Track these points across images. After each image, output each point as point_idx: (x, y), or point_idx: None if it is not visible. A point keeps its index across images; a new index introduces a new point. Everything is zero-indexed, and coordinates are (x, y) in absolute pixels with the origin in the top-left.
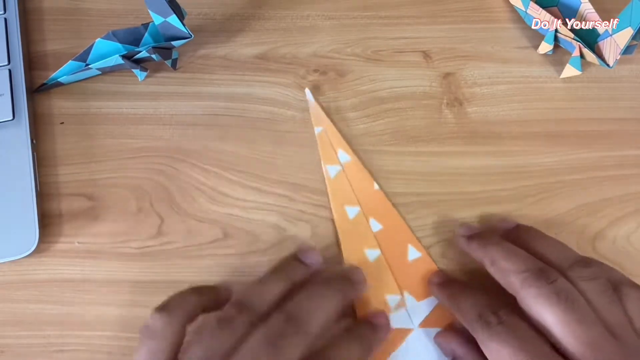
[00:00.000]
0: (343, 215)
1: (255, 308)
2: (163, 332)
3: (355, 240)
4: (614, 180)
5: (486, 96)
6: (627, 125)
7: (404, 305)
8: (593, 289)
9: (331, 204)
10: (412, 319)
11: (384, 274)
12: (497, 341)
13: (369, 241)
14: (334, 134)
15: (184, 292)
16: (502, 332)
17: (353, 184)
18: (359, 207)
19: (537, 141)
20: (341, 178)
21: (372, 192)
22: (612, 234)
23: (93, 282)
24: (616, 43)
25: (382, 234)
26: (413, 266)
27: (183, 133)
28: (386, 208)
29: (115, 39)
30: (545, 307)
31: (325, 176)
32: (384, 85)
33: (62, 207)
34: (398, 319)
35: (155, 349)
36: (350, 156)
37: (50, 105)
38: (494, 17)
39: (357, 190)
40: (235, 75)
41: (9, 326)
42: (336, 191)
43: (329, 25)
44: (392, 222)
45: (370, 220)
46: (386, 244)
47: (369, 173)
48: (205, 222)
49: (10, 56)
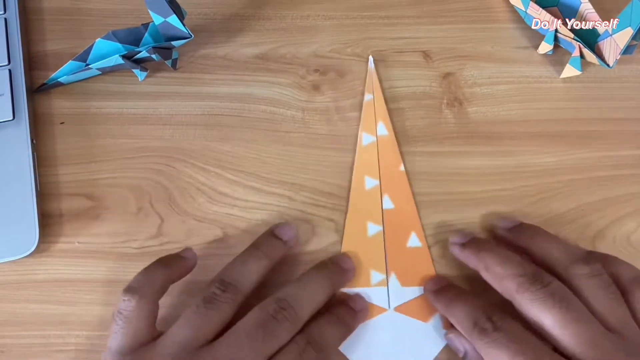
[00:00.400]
0: (361, 183)
1: (238, 287)
2: (137, 313)
3: (362, 210)
4: (614, 180)
5: (486, 96)
6: (627, 125)
7: (385, 284)
8: (594, 285)
9: (354, 170)
10: (390, 300)
11: (377, 250)
12: (495, 348)
13: (375, 215)
14: (381, 106)
15: (149, 269)
16: (499, 338)
17: (381, 157)
18: (378, 181)
19: (537, 141)
20: (372, 148)
21: (397, 171)
22: (612, 234)
23: (93, 282)
24: (616, 43)
25: (391, 213)
26: (409, 253)
27: (183, 133)
28: (404, 191)
29: (115, 39)
30: (542, 310)
31: (357, 141)
32: (384, 85)
33: (62, 207)
34: (375, 295)
35: (133, 332)
36: (388, 131)
37: (50, 105)
38: (494, 17)
39: (383, 165)
40: (235, 75)
41: (9, 326)
42: (363, 159)
43: (329, 25)
44: (405, 205)
45: (384, 197)
46: (391, 223)
47: (400, 154)
48: (205, 222)
49: (10, 56)
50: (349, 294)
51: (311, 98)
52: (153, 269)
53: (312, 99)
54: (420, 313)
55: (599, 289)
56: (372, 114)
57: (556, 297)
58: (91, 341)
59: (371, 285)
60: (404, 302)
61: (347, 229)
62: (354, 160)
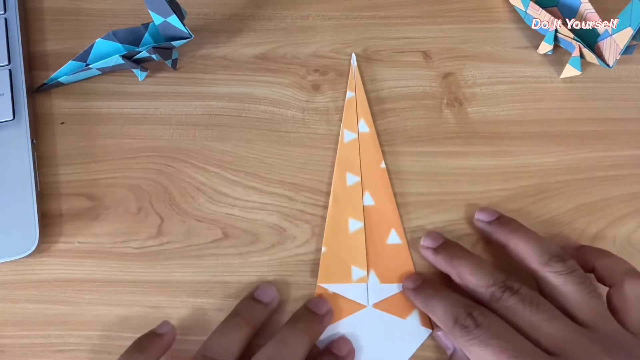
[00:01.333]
0: (342, 179)
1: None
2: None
3: (344, 206)
4: (614, 180)
5: (486, 96)
6: (627, 125)
7: (366, 281)
8: (568, 282)
9: (335, 166)
10: (369, 297)
11: (358, 247)
12: (477, 345)
13: (356, 212)
14: (362, 104)
15: (127, 356)
16: (481, 335)
17: (362, 154)
18: (359, 177)
19: (537, 141)
20: (353, 145)
21: (378, 168)
22: (612, 234)
23: (93, 282)
24: (616, 43)
25: (372, 210)
26: (389, 250)
27: (183, 133)
28: (385, 188)
29: (115, 39)
30: (514, 315)
31: (339, 138)
32: (384, 85)
33: (62, 207)
34: (355, 291)
35: None
36: (369, 128)
37: (50, 105)
38: (494, 17)
39: (364, 161)
40: (235, 75)
41: (9, 326)
42: (344, 156)
43: (329, 25)
44: (385, 202)
45: (365, 194)
46: (372, 220)
47: (381, 151)
48: (205, 222)
49: (10, 56)
50: (334, 339)
51: (311, 98)
52: (129, 356)
53: (312, 99)
54: (399, 310)
55: (573, 284)
56: (353, 112)
57: (526, 302)
58: (91, 341)
59: (352, 282)
60: (382, 299)
61: (329, 225)
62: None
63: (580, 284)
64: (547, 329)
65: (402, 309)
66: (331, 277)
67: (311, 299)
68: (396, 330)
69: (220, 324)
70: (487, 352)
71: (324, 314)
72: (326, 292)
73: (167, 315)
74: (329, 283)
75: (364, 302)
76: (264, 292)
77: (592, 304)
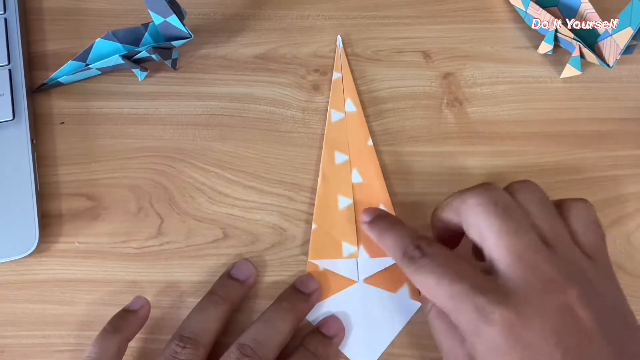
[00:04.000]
0: (331, 158)
1: (198, 340)
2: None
3: (333, 184)
4: (614, 180)
5: (486, 96)
6: (627, 125)
7: (356, 256)
8: (531, 199)
9: (323, 146)
10: (360, 272)
11: (348, 223)
12: (421, 274)
13: (345, 189)
14: (349, 84)
15: (100, 338)
16: (425, 264)
17: (350, 133)
18: (348, 156)
19: (537, 141)
20: (341, 125)
21: (365, 146)
22: (612, 234)
23: (93, 282)
24: (616, 43)
25: (360, 187)
26: None
27: (183, 133)
28: (373, 164)
29: (115, 39)
30: (483, 218)
31: (327, 118)
32: (384, 85)
33: (62, 207)
34: (346, 267)
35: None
36: (356, 108)
37: (50, 105)
38: (494, 17)
39: (352, 140)
40: (235, 75)
41: (9, 326)
42: (332, 135)
43: (329, 25)
44: (373, 179)
45: (353, 171)
46: (360, 197)
47: (368, 129)
48: (205, 222)
49: (10, 56)
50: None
51: (311, 98)
52: (105, 337)
53: (312, 99)
54: (389, 284)
55: (537, 203)
56: (340, 91)
57: (499, 206)
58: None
59: (343, 257)
60: (372, 274)
61: (318, 203)
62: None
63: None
64: (507, 239)
65: (392, 283)
66: (322, 253)
67: (299, 277)
68: (386, 304)
69: (197, 304)
70: (430, 279)
71: (310, 292)
72: (317, 268)
73: (167, 315)
74: (319, 259)
75: (354, 277)
76: (240, 269)
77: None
